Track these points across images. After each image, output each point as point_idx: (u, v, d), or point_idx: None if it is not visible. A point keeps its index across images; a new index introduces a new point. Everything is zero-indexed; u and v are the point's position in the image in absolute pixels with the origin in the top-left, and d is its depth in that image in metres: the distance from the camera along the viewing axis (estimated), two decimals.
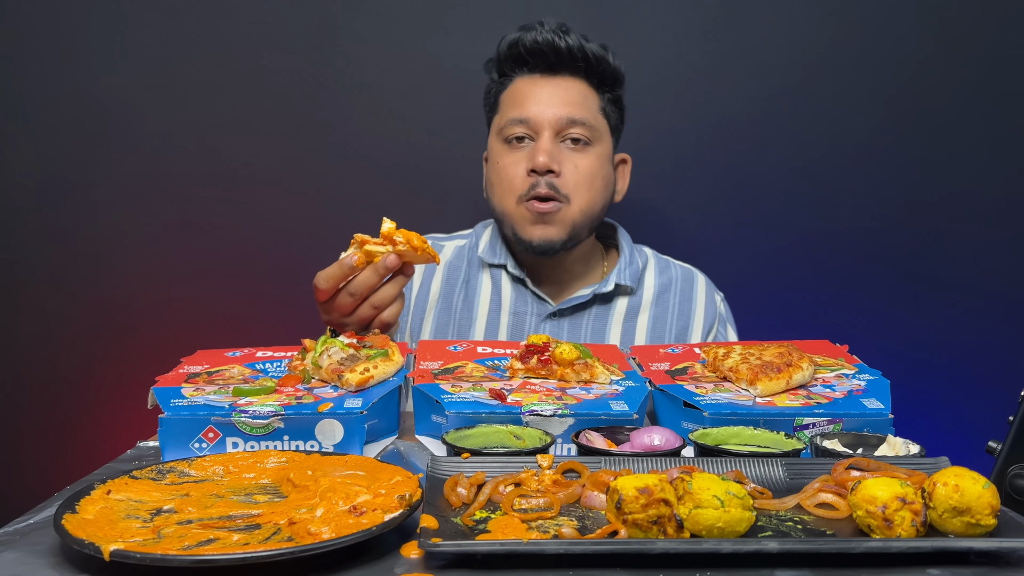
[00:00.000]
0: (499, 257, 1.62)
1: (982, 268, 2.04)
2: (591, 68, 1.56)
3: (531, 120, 1.52)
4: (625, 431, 0.96)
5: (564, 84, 1.55)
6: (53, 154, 2.07)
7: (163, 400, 1.00)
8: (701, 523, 0.71)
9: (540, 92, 1.54)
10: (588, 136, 1.54)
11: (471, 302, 1.61)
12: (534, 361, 1.14)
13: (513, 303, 1.61)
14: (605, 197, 1.59)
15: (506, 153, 1.55)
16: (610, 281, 1.60)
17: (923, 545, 0.70)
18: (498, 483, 0.81)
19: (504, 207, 1.56)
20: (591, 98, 1.57)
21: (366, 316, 1.26)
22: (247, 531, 0.73)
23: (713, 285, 1.70)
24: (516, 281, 1.62)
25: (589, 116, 1.54)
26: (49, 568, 0.69)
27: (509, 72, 1.59)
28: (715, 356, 1.19)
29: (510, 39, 1.57)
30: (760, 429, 0.97)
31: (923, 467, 0.84)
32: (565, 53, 1.54)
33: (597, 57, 1.55)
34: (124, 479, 0.83)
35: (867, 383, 1.11)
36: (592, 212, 1.56)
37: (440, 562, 0.70)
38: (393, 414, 1.09)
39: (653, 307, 1.63)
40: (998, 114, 2.02)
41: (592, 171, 1.54)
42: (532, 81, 1.56)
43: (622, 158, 1.67)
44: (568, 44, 1.53)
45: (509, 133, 1.55)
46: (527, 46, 1.54)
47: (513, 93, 1.57)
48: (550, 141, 1.52)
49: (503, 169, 1.55)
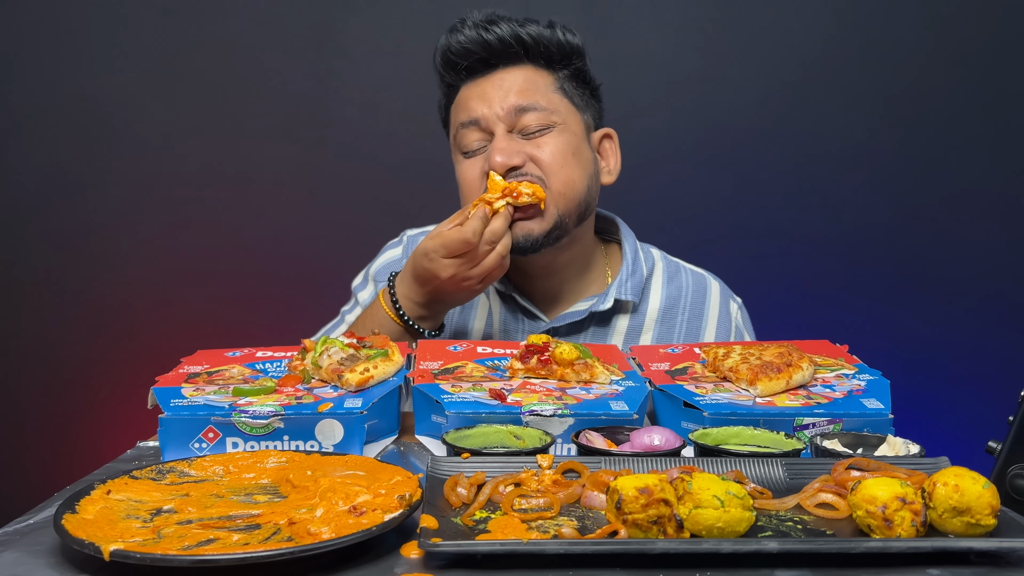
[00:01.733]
0: None
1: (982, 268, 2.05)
2: (531, 51, 1.42)
3: (479, 120, 1.40)
4: (625, 431, 0.95)
5: (506, 76, 1.42)
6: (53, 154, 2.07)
7: (163, 400, 1.00)
8: (701, 523, 0.71)
9: (483, 90, 1.42)
10: (546, 121, 1.40)
11: (466, 316, 1.51)
12: (534, 361, 1.14)
13: (503, 321, 1.49)
14: (586, 175, 1.42)
15: (464, 162, 1.44)
16: (609, 297, 1.45)
17: (923, 545, 0.70)
18: (498, 483, 0.81)
19: None
20: (541, 80, 1.43)
21: (493, 265, 1.31)
22: (247, 531, 0.73)
23: (729, 291, 1.56)
24: (504, 298, 1.50)
25: (542, 100, 1.40)
26: (49, 568, 0.69)
27: (452, 82, 1.47)
28: (715, 356, 1.18)
29: (439, 48, 1.45)
30: (760, 429, 0.97)
31: (923, 467, 0.84)
32: (496, 45, 1.41)
33: (535, 38, 1.41)
34: (124, 479, 0.83)
35: (867, 383, 1.11)
36: (575, 194, 1.40)
37: (440, 562, 0.70)
38: (393, 414, 1.09)
39: (658, 326, 1.48)
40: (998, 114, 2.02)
41: (560, 150, 1.39)
42: (475, 84, 1.43)
43: (605, 133, 1.51)
44: (497, 35, 1.40)
45: (464, 143, 1.43)
46: (455, 50, 1.42)
47: (458, 101, 1.45)
48: (504, 138, 1.39)
49: (462, 180, 1.44)
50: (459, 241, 1.28)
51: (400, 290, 1.36)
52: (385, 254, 1.60)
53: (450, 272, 1.30)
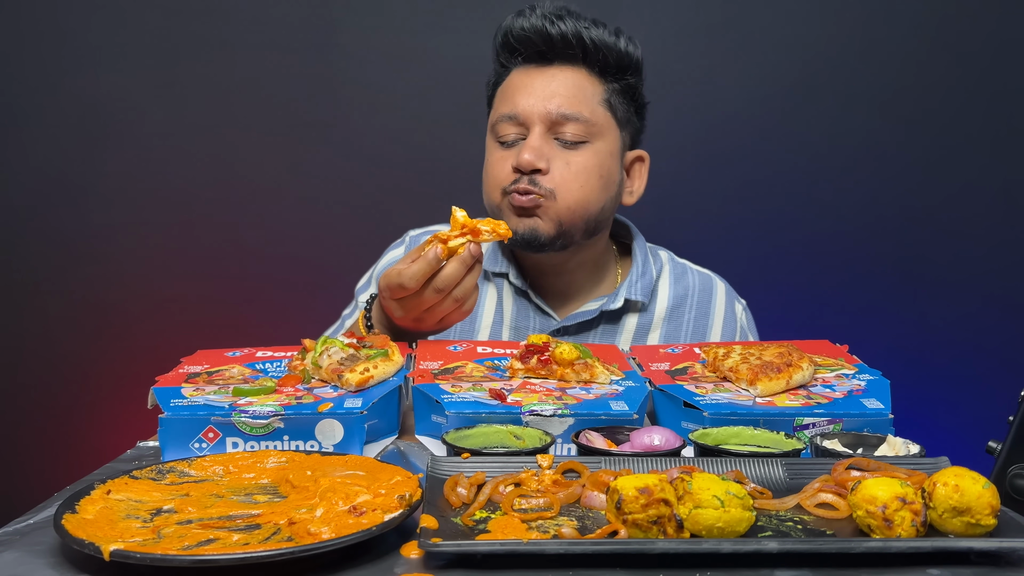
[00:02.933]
0: (500, 265, 1.52)
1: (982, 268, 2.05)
2: (590, 55, 1.42)
3: (519, 115, 1.41)
4: (625, 431, 0.95)
5: (558, 75, 1.43)
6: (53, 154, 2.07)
7: (163, 400, 1.00)
8: (701, 523, 0.71)
9: (532, 84, 1.42)
10: (584, 134, 1.41)
11: (474, 313, 1.50)
12: (534, 361, 1.14)
13: (515, 317, 1.50)
14: (605, 196, 1.45)
15: (496, 151, 1.45)
16: (619, 297, 1.48)
17: (923, 545, 0.70)
18: (498, 483, 0.81)
19: (490, 202, 1.47)
20: (590, 88, 1.43)
21: (448, 310, 1.21)
22: (247, 531, 0.73)
23: (734, 292, 1.59)
24: (519, 293, 1.51)
25: (585, 110, 1.41)
26: (49, 568, 0.69)
27: (506, 63, 1.48)
28: (715, 356, 1.19)
29: (502, 26, 1.46)
30: (760, 429, 0.97)
31: (923, 467, 0.84)
32: (558, 40, 1.41)
33: (597, 43, 1.41)
34: (124, 479, 0.83)
35: (867, 383, 1.11)
36: (586, 212, 1.42)
37: (440, 562, 0.70)
38: (393, 414, 1.09)
39: (665, 324, 1.51)
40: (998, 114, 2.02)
41: (586, 168, 1.41)
42: (526, 72, 1.44)
43: (637, 156, 1.52)
44: (561, 31, 1.40)
45: (501, 133, 1.44)
46: (516, 35, 1.43)
47: (507, 87, 1.46)
48: (540, 137, 1.40)
49: (490, 166, 1.46)
50: (396, 286, 1.18)
51: (375, 315, 1.33)
52: (388, 255, 1.60)
53: (400, 314, 1.23)
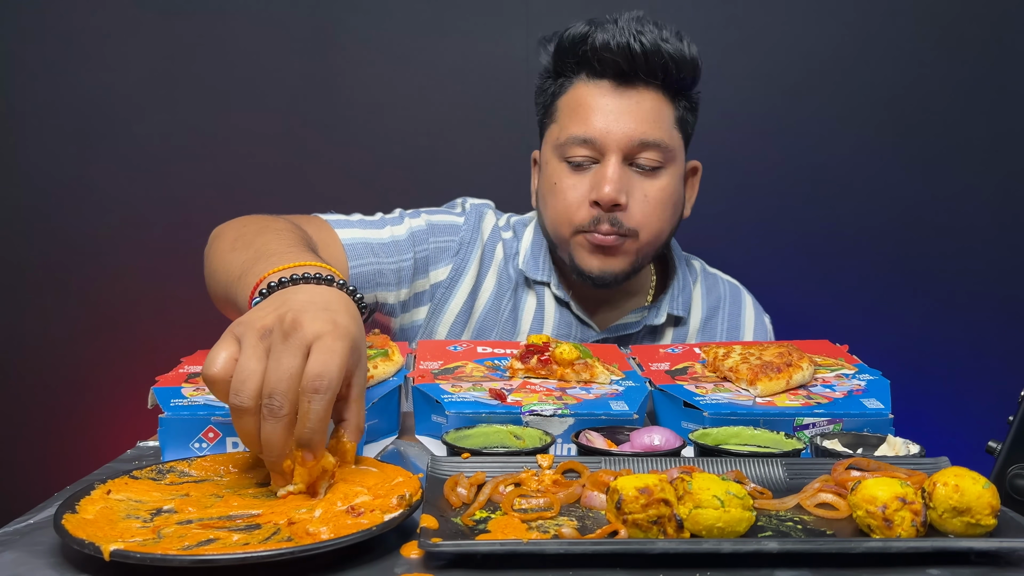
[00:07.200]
0: (543, 274, 1.46)
1: (982, 268, 2.05)
2: (669, 75, 1.33)
3: (596, 139, 1.32)
4: (625, 431, 0.96)
5: (637, 97, 1.33)
6: (53, 154, 2.07)
7: (163, 400, 1.00)
8: (701, 523, 0.71)
9: (608, 106, 1.33)
10: (660, 160, 1.34)
11: (515, 317, 1.46)
12: (534, 361, 1.14)
13: (556, 326, 1.46)
14: (675, 221, 1.42)
15: (566, 175, 1.36)
16: (662, 311, 1.46)
17: (923, 545, 0.70)
18: (498, 483, 0.81)
19: (559, 233, 1.39)
20: (666, 111, 1.36)
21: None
22: (247, 531, 0.72)
23: (760, 307, 1.58)
24: (560, 303, 1.46)
25: (664, 136, 1.34)
26: (49, 568, 0.69)
27: (569, 73, 1.37)
28: (715, 356, 1.19)
29: (574, 34, 1.33)
30: (760, 429, 0.97)
31: (923, 467, 0.84)
32: (641, 60, 1.30)
33: (676, 59, 1.32)
34: (124, 479, 0.82)
35: (867, 383, 1.11)
36: (660, 240, 1.40)
37: (440, 562, 0.70)
38: (393, 414, 1.09)
39: (700, 335, 1.51)
40: (998, 115, 2.02)
41: (663, 198, 1.36)
42: (598, 90, 1.34)
43: (693, 167, 1.47)
44: (644, 48, 1.29)
45: (571, 154, 1.35)
46: (596, 48, 1.31)
47: (575, 102, 1.35)
48: (618, 167, 1.32)
49: (562, 193, 1.36)
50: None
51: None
52: (448, 217, 1.46)
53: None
